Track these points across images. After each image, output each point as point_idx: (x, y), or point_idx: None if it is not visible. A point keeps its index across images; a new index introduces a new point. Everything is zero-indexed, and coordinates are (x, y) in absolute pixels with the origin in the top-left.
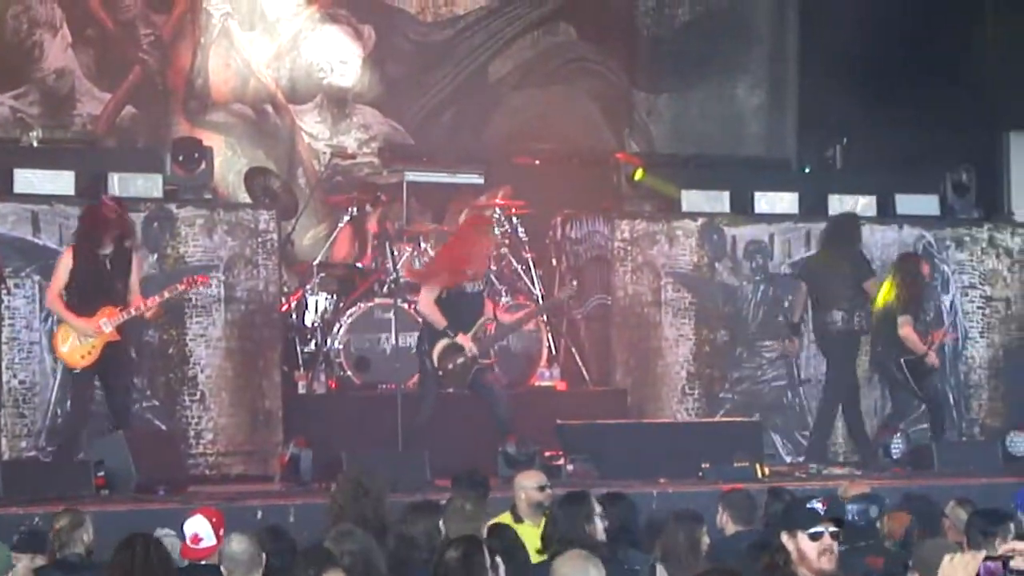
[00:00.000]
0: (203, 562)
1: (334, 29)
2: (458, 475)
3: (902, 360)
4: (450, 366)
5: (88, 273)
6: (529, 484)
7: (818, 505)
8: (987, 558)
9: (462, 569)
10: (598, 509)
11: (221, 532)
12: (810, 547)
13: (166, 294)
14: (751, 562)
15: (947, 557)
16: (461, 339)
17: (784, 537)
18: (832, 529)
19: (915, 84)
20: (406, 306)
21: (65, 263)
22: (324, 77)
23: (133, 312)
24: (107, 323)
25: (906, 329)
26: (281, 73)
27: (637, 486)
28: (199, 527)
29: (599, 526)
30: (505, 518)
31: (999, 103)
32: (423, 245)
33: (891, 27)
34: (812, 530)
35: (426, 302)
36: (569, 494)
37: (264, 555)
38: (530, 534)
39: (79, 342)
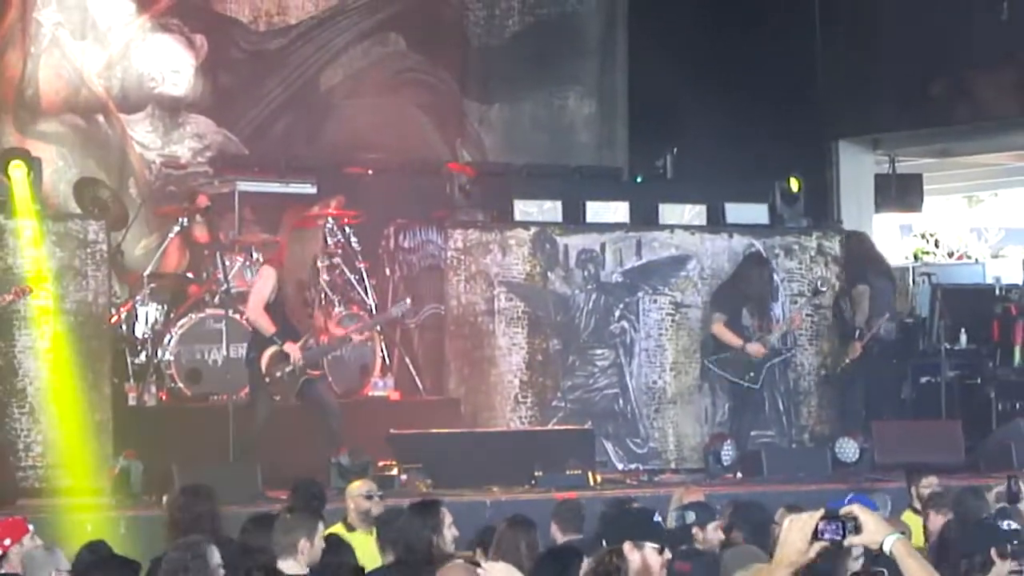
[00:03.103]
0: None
1: (166, 38)
2: (295, 485)
3: (711, 360)
4: (277, 374)
5: None
6: (357, 492)
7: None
8: (824, 517)
9: None
10: (449, 519)
11: (7, 542)
12: (656, 560)
13: None
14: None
15: (788, 519)
16: (288, 347)
17: (627, 547)
18: None
19: (745, 94)
20: (237, 317)
21: None
22: (156, 86)
23: None
24: None
25: (716, 327)
26: (112, 82)
27: (470, 494)
28: None
29: (448, 536)
30: (338, 528)
31: (828, 113)
32: (255, 255)
33: (721, 38)
34: (658, 544)
35: (255, 308)
36: (417, 503)
37: (60, 556)
38: (361, 542)
39: None
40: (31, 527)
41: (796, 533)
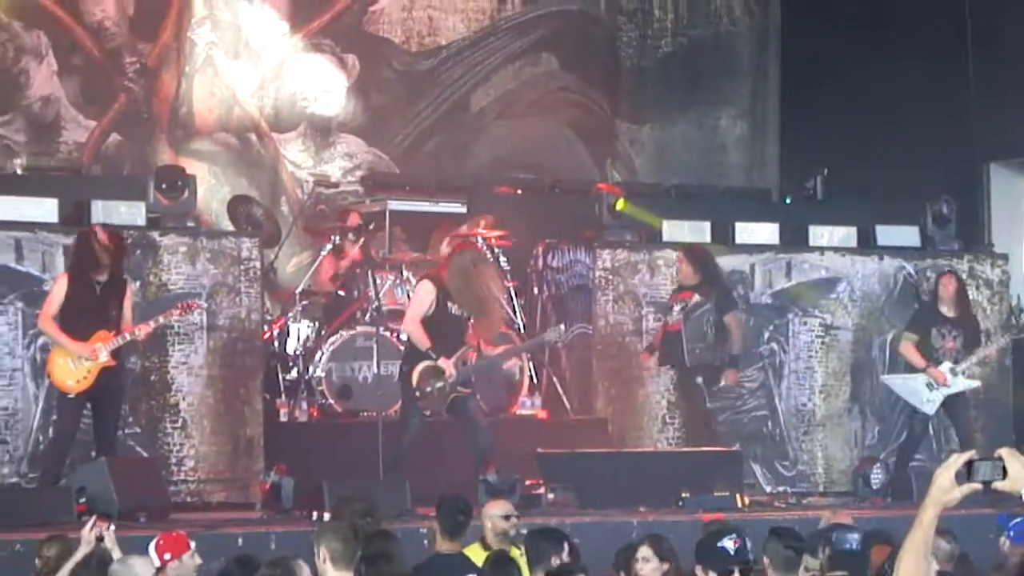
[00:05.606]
0: None
1: (318, 58)
2: (440, 501)
3: (889, 376)
4: (428, 389)
5: (82, 299)
6: (495, 512)
7: (729, 544)
8: (972, 460)
9: None
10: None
11: (167, 556)
12: None
13: (160, 319)
14: None
15: (942, 466)
16: (443, 362)
17: (698, 570)
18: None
19: (896, 116)
20: (388, 334)
21: (60, 287)
22: (308, 106)
23: (128, 337)
24: (102, 348)
25: (904, 345)
26: (265, 102)
27: (617, 515)
28: (150, 552)
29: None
30: (475, 547)
31: (979, 134)
32: (405, 273)
33: (873, 59)
34: (721, 570)
35: (412, 320)
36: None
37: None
38: None
39: (73, 367)
40: (192, 544)
41: (944, 473)
